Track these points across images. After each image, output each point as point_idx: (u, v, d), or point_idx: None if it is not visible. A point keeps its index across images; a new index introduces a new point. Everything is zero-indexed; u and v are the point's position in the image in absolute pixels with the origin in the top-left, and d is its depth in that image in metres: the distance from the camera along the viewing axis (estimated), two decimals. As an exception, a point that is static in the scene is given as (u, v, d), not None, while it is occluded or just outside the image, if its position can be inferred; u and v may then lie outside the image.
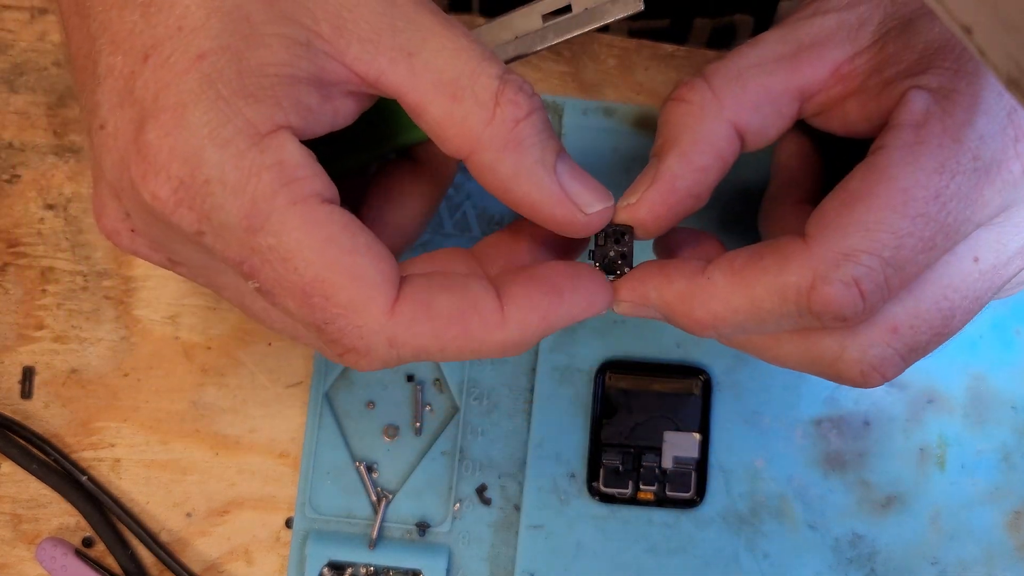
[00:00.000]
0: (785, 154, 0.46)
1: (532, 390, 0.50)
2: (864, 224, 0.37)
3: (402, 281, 0.36)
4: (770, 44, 0.41)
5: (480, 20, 0.51)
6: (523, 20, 0.41)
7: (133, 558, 0.50)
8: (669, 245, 0.43)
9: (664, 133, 0.41)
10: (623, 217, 0.41)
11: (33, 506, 0.50)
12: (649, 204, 0.40)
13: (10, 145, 0.51)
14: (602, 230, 0.41)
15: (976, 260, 0.40)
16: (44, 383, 0.50)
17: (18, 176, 0.51)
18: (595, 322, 0.51)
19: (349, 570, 0.50)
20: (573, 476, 0.50)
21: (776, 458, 0.51)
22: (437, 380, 0.51)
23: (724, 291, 0.39)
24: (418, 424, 0.51)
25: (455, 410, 0.50)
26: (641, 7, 0.40)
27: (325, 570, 0.49)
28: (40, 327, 0.50)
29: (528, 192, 0.37)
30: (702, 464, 0.50)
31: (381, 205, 0.43)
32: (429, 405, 0.51)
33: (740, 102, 0.40)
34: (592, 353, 0.51)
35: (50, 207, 0.51)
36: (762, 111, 0.41)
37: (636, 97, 0.52)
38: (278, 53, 0.35)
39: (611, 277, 0.41)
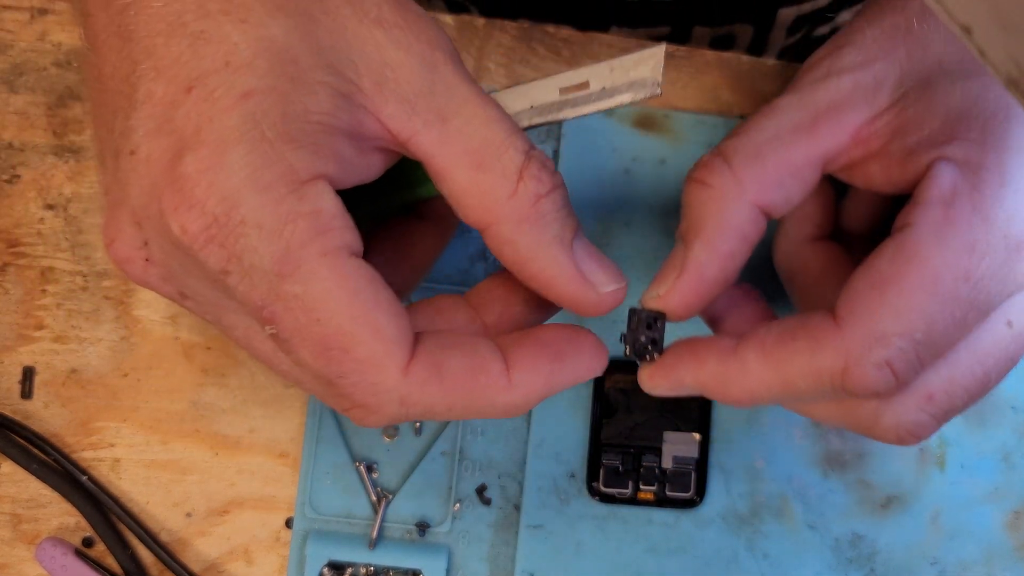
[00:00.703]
0: None
1: (532, 390, 0.50)
2: (895, 308, 0.37)
3: (415, 339, 0.36)
4: (786, 112, 0.41)
5: (480, 21, 0.51)
6: (541, 91, 0.41)
7: (133, 558, 0.50)
8: (709, 309, 0.44)
9: (688, 217, 0.41)
10: (654, 306, 0.41)
11: (33, 506, 0.50)
12: (680, 295, 0.41)
13: (10, 145, 0.51)
14: (635, 315, 0.42)
15: (1010, 324, 0.40)
16: (44, 383, 0.50)
17: (18, 176, 0.51)
18: (595, 322, 0.51)
19: (349, 570, 0.50)
20: (573, 476, 0.50)
21: (776, 458, 0.51)
22: (437, 380, 0.51)
23: (757, 371, 0.40)
24: (418, 424, 0.51)
25: (455, 410, 0.50)
26: (659, 92, 0.39)
27: (325, 570, 0.49)
28: (40, 327, 0.50)
29: (544, 268, 0.38)
30: (702, 464, 0.50)
31: (386, 258, 0.43)
32: (429, 405, 0.51)
33: (762, 182, 0.40)
34: (592, 353, 0.51)
35: (50, 207, 0.51)
36: (784, 185, 0.41)
37: (636, 97, 0.52)
38: (322, 101, 0.35)
39: (642, 363, 0.43)
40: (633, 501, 0.50)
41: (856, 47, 0.41)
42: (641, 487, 0.50)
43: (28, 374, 0.50)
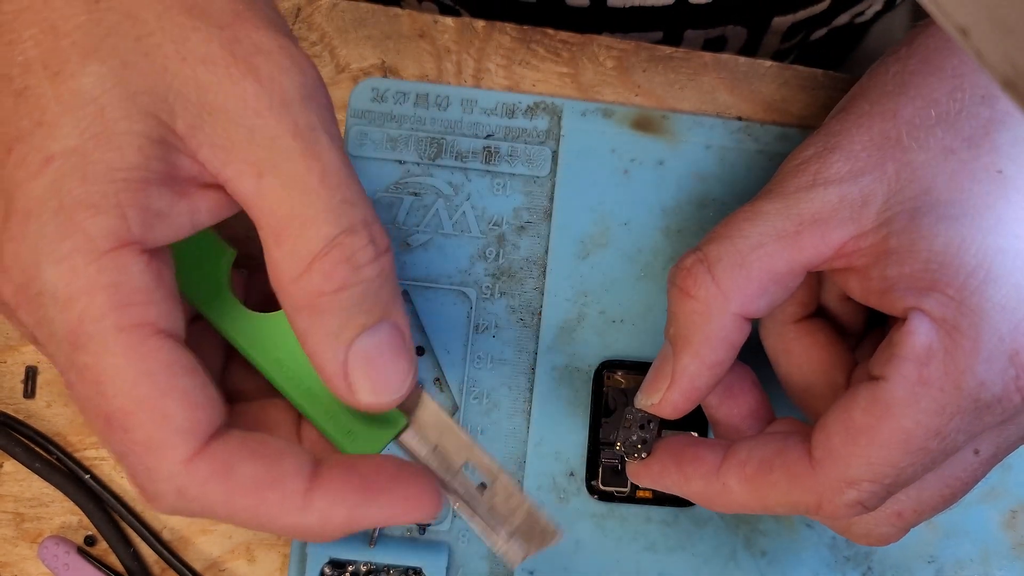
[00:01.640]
0: None
1: (532, 389, 0.51)
2: (867, 458, 0.39)
3: (216, 435, 0.35)
4: (770, 220, 0.41)
5: (480, 23, 0.52)
6: (455, 445, 0.40)
7: (135, 556, 0.50)
8: (703, 402, 0.46)
9: (675, 325, 0.42)
10: (647, 411, 0.44)
11: (35, 505, 0.50)
12: (671, 405, 0.43)
13: None
14: (630, 413, 0.44)
15: (976, 452, 0.42)
16: (47, 382, 0.51)
17: None
18: (594, 322, 0.51)
19: (350, 568, 0.50)
20: (572, 475, 0.51)
21: (774, 457, 0.51)
22: (437, 379, 0.51)
23: (739, 495, 0.42)
24: (418, 423, 0.51)
25: (455, 409, 0.51)
26: (498, 552, 0.40)
27: (326, 568, 0.50)
28: (42, 327, 0.51)
29: (312, 356, 0.36)
30: (700, 463, 0.51)
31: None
32: (429, 404, 0.51)
33: (745, 292, 0.41)
34: (591, 353, 0.51)
35: (52, 207, 0.51)
36: (768, 292, 0.42)
37: (634, 98, 0.52)
38: (128, 155, 0.34)
39: (630, 459, 0.45)
40: (632, 499, 0.50)
41: (845, 155, 0.41)
42: (641, 486, 0.50)
43: (31, 373, 0.51)
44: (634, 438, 0.44)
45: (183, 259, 0.38)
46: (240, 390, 0.42)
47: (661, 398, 0.43)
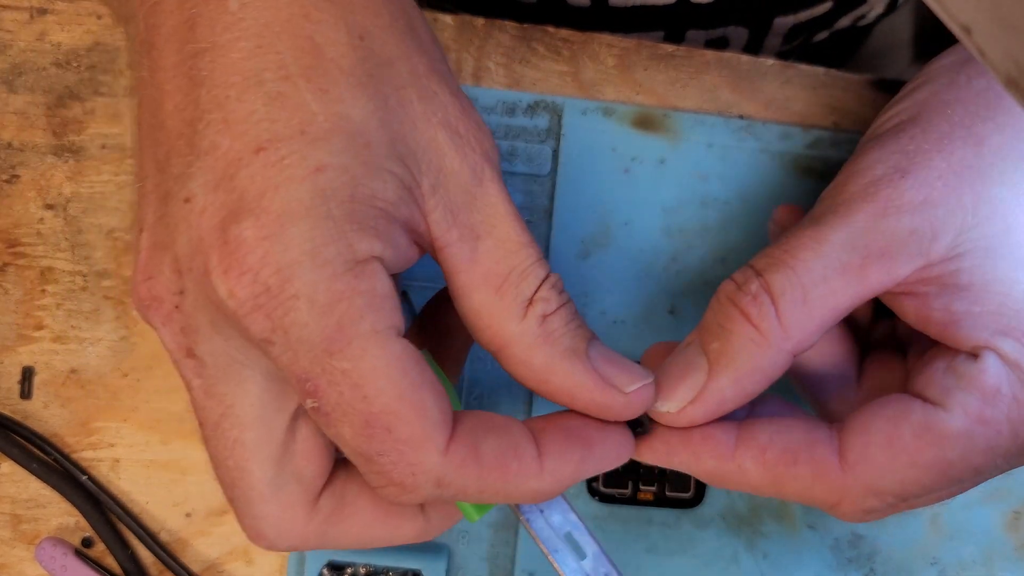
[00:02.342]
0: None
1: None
2: (903, 476, 0.40)
3: (454, 419, 0.36)
4: (836, 252, 0.40)
5: (479, 20, 0.51)
6: (559, 512, 0.42)
7: (133, 558, 0.50)
8: None
9: (722, 344, 0.41)
10: (662, 417, 0.41)
11: (33, 506, 0.50)
12: (689, 418, 0.41)
13: (9, 145, 0.51)
14: None
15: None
16: (43, 383, 0.50)
17: (17, 176, 0.51)
18: (595, 322, 0.51)
19: (348, 570, 0.50)
20: (573, 476, 0.50)
21: (776, 458, 0.51)
22: (437, 380, 0.51)
23: (754, 478, 0.41)
24: (418, 424, 0.51)
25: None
26: None
27: (325, 570, 0.49)
28: (39, 327, 0.50)
29: (563, 381, 0.38)
30: (702, 464, 0.50)
31: (434, 342, 0.43)
32: (429, 405, 0.51)
33: (806, 332, 0.40)
34: (592, 353, 0.51)
35: (49, 207, 0.51)
36: (825, 328, 0.41)
37: (636, 97, 0.52)
38: (389, 190, 0.34)
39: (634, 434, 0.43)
40: (633, 501, 0.50)
41: (919, 182, 0.40)
42: (641, 487, 0.50)
43: (27, 374, 0.50)
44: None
45: None
46: None
47: (681, 409, 0.41)
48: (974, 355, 0.40)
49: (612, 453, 0.39)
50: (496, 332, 0.37)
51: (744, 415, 0.43)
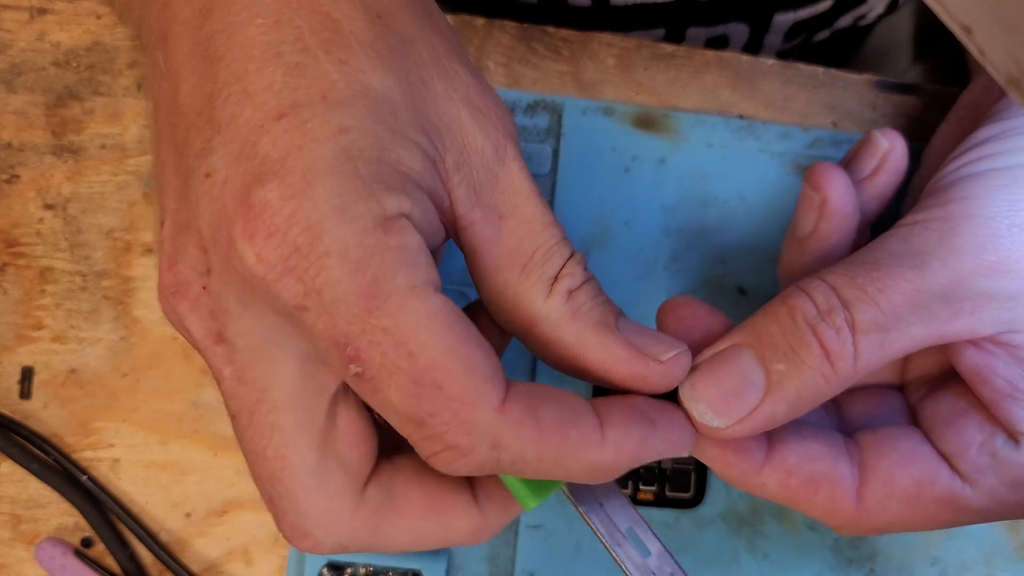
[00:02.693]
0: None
1: (532, 390, 0.50)
2: (913, 526, 0.41)
3: (507, 384, 0.35)
4: (932, 302, 0.38)
5: (479, 20, 0.51)
6: (618, 508, 0.41)
7: (132, 558, 0.50)
8: None
9: (788, 366, 0.38)
10: (701, 427, 0.39)
11: (32, 506, 0.50)
12: (732, 435, 0.39)
13: (9, 145, 0.51)
14: None
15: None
16: (43, 383, 0.50)
17: (17, 176, 0.51)
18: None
19: (348, 570, 0.49)
20: (573, 476, 0.50)
21: (776, 458, 0.51)
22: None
23: (772, 494, 0.41)
24: (417, 424, 0.50)
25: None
26: None
27: (324, 570, 0.49)
28: (39, 327, 0.50)
29: (596, 355, 0.37)
30: (702, 464, 0.50)
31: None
32: (428, 405, 0.51)
33: (872, 369, 0.39)
34: (592, 353, 0.51)
35: (49, 207, 0.51)
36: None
37: (636, 96, 0.52)
38: (415, 158, 0.34)
39: None
40: (633, 501, 0.50)
41: None
42: (641, 487, 0.50)
43: (27, 374, 0.50)
44: None
45: None
46: None
47: (729, 427, 0.38)
48: (1015, 439, 0.39)
49: (675, 436, 0.38)
50: (523, 312, 0.37)
51: None
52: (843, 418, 0.44)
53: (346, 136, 0.33)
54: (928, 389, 0.44)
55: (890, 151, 0.44)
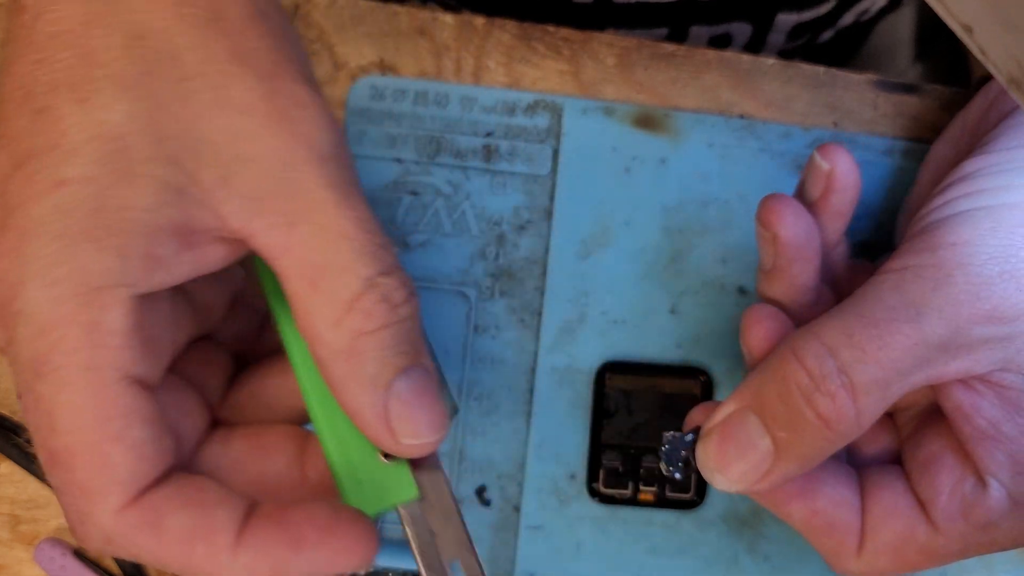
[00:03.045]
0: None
1: (532, 391, 0.50)
2: (892, 570, 0.42)
3: (156, 483, 0.35)
4: (931, 352, 0.38)
5: (480, 20, 0.51)
6: (451, 538, 0.39)
7: (131, 559, 0.50)
8: None
9: (789, 432, 0.39)
10: (724, 488, 0.41)
11: (32, 507, 0.50)
12: (745, 490, 0.41)
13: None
14: (675, 446, 0.42)
15: None
16: (42, 384, 0.50)
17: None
18: (595, 322, 0.51)
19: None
20: (573, 477, 0.50)
21: (777, 459, 0.51)
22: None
23: (785, 518, 0.43)
24: (417, 425, 0.50)
25: (455, 411, 0.50)
26: None
27: (324, 571, 0.49)
28: (38, 327, 0.50)
29: (350, 402, 0.36)
30: (702, 465, 0.50)
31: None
32: (428, 406, 0.51)
33: (876, 417, 0.39)
34: (592, 354, 0.51)
35: (48, 207, 0.51)
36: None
37: (636, 96, 0.52)
38: (143, 196, 0.34)
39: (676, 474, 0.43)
40: (633, 502, 0.50)
41: None
42: (641, 488, 0.50)
43: None
44: (682, 453, 0.42)
45: (264, 266, 0.38)
46: (244, 412, 0.41)
47: (740, 489, 0.40)
48: (983, 482, 0.40)
49: (329, 559, 0.35)
50: (307, 327, 0.35)
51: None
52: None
53: (64, 190, 0.33)
54: (915, 424, 0.45)
55: (832, 170, 0.43)
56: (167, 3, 0.35)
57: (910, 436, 0.44)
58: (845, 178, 0.43)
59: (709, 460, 0.41)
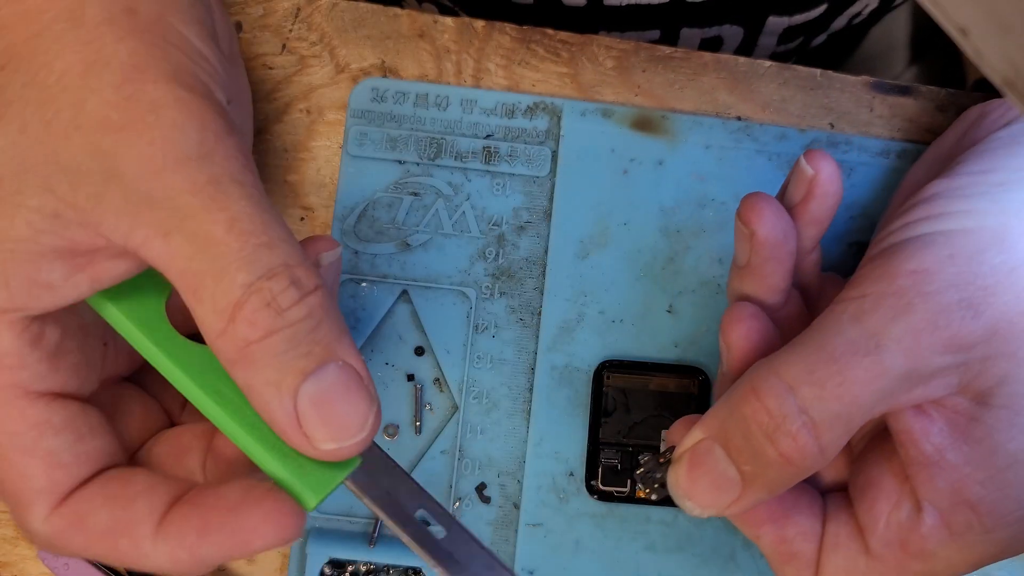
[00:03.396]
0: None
1: (531, 389, 0.51)
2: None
3: (74, 491, 0.36)
4: (892, 384, 0.39)
5: (479, 23, 0.52)
6: (407, 491, 0.38)
7: (135, 556, 0.50)
8: None
9: (754, 466, 0.40)
10: (698, 512, 0.41)
11: (35, 505, 0.50)
12: (718, 514, 0.41)
13: None
14: (656, 471, 0.43)
15: None
16: (46, 382, 0.50)
17: None
18: (594, 322, 0.51)
19: (350, 568, 0.50)
20: (572, 475, 0.51)
21: (773, 457, 0.51)
22: (437, 380, 0.51)
23: (758, 543, 0.44)
24: (418, 423, 0.51)
25: (455, 409, 0.51)
26: None
27: (326, 568, 0.50)
28: (42, 327, 0.51)
29: (260, 409, 0.35)
30: (700, 463, 0.51)
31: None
32: (429, 404, 0.51)
33: (840, 447, 0.40)
34: (591, 353, 0.51)
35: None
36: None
37: (634, 99, 0.52)
38: (18, 227, 0.34)
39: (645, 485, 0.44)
40: (631, 499, 0.50)
41: (989, 326, 0.39)
42: (639, 485, 0.50)
43: None
44: (657, 475, 0.44)
45: (121, 294, 0.37)
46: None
47: (711, 514, 0.41)
48: (919, 507, 0.40)
49: (248, 536, 0.35)
50: (205, 335, 0.35)
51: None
52: None
53: None
54: (864, 444, 0.45)
55: (816, 176, 0.43)
56: (27, 21, 0.35)
57: (858, 458, 0.45)
58: (827, 185, 0.43)
59: (679, 487, 0.41)
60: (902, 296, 0.39)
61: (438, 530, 0.38)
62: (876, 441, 0.44)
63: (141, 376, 0.42)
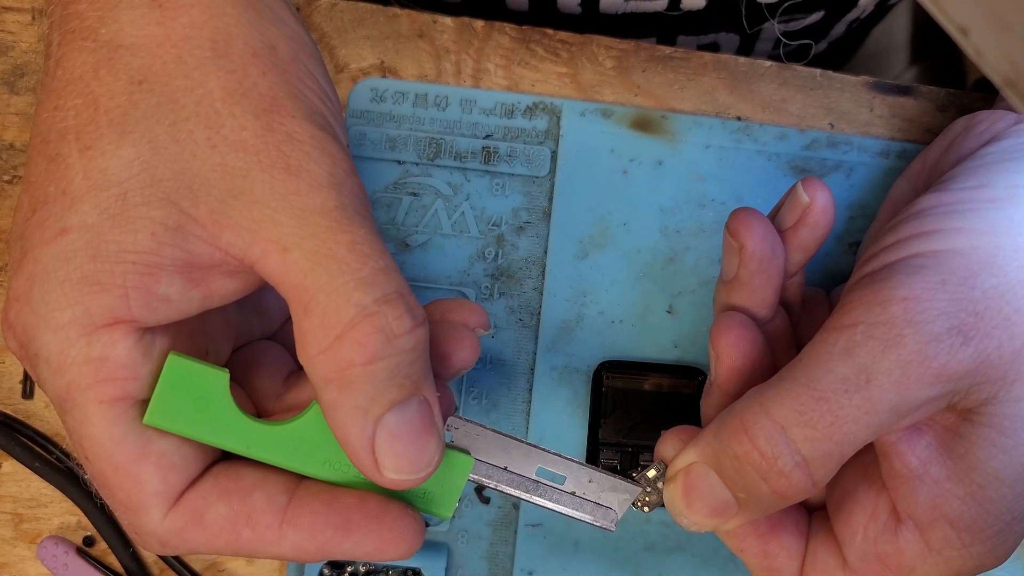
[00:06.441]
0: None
1: (531, 390, 0.51)
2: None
3: (187, 489, 0.37)
4: (882, 419, 0.39)
5: (479, 23, 0.52)
6: (521, 458, 0.41)
7: (134, 556, 0.50)
8: None
9: (747, 493, 0.40)
10: (689, 526, 0.42)
11: (34, 505, 0.50)
12: (710, 530, 0.42)
13: (11, 146, 0.51)
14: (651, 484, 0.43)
15: None
16: (45, 383, 0.50)
17: (19, 177, 0.51)
18: (593, 322, 0.51)
19: (349, 568, 0.50)
20: (571, 475, 0.51)
21: (773, 457, 0.51)
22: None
23: (742, 557, 0.44)
24: (417, 423, 0.51)
25: (454, 409, 0.51)
26: (613, 530, 0.43)
27: (325, 569, 0.50)
28: (41, 327, 0.51)
29: (338, 429, 0.36)
30: (700, 463, 0.51)
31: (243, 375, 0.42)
32: (428, 404, 0.51)
33: (830, 477, 0.40)
34: (590, 353, 0.51)
35: (51, 208, 0.51)
36: None
37: (634, 99, 0.52)
38: (141, 239, 0.35)
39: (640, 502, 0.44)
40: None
41: (978, 355, 0.39)
42: (639, 486, 0.50)
43: (29, 374, 0.50)
44: (647, 499, 0.43)
45: (175, 407, 0.37)
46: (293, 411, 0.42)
47: (707, 530, 0.42)
48: (898, 520, 0.41)
49: (372, 544, 0.38)
50: (301, 351, 0.35)
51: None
52: None
53: (65, 237, 0.35)
54: None
55: (810, 205, 0.43)
56: (169, 45, 0.36)
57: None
58: (820, 215, 0.43)
59: (675, 504, 0.42)
60: (892, 326, 0.39)
61: (560, 479, 0.42)
62: (853, 454, 0.44)
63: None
